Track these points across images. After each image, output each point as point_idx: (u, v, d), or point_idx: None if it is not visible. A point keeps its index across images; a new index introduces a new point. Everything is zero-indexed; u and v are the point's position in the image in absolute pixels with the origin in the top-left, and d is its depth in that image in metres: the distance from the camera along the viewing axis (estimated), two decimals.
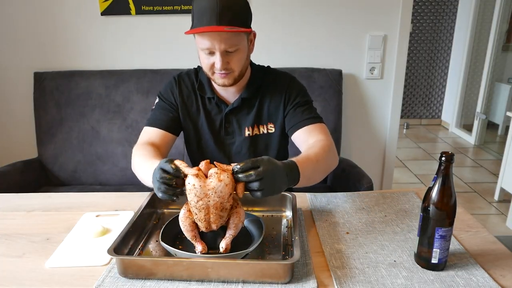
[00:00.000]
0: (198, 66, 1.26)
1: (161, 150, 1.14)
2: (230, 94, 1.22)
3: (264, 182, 0.79)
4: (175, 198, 0.81)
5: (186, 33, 1.04)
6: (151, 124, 1.21)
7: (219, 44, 1.03)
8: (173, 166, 0.80)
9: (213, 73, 1.11)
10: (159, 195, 0.82)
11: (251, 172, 0.79)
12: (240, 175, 0.79)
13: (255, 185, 0.79)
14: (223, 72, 1.08)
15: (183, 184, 0.80)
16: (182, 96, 1.24)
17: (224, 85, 1.13)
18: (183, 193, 0.81)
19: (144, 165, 1.01)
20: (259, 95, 1.22)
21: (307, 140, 1.13)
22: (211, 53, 1.06)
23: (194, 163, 1.31)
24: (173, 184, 0.80)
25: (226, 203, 0.81)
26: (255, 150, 1.24)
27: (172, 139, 1.23)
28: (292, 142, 1.22)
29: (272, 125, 1.23)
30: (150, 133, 1.19)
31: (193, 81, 1.25)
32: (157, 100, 1.26)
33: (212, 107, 1.23)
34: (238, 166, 0.79)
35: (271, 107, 1.22)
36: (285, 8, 2.00)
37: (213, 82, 1.20)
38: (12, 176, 1.85)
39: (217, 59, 1.06)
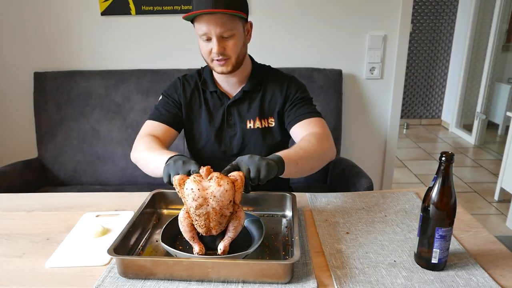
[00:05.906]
0: (202, 67, 1.30)
1: (163, 143, 1.17)
2: (232, 87, 1.25)
3: (242, 163, 0.86)
4: None
5: (183, 16, 1.09)
6: (154, 118, 1.24)
7: (215, 28, 1.08)
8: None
9: (212, 60, 1.15)
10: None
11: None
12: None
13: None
14: (220, 58, 1.12)
15: None
16: (185, 94, 1.28)
17: (223, 73, 1.17)
18: None
19: (153, 153, 1.04)
20: (261, 89, 1.25)
21: (302, 133, 1.16)
22: (209, 39, 1.11)
23: (194, 158, 1.32)
24: None
25: (225, 210, 0.80)
26: (256, 143, 1.25)
27: (173, 135, 1.26)
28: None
29: (273, 119, 1.26)
30: (152, 127, 1.22)
31: (196, 80, 1.29)
32: (160, 98, 1.30)
33: (214, 101, 1.26)
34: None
35: (272, 101, 1.25)
36: (285, 8, 2.00)
37: (214, 75, 1.24)
38: (12, 176, 1.85)
39: (213, 44, 1.10)
